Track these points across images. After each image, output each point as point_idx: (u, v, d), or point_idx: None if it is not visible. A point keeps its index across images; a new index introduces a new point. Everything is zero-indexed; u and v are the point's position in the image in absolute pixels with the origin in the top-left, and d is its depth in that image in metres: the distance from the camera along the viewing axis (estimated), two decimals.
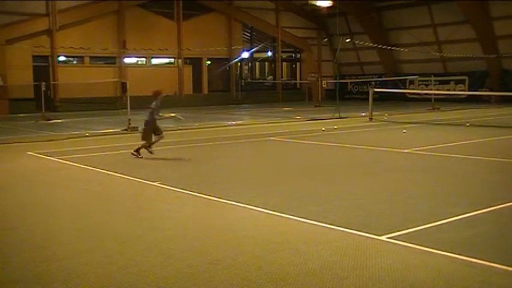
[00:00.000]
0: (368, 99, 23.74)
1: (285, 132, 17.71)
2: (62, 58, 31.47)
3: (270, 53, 40.50)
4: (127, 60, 33.12)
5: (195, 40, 34.61)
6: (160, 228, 6.38)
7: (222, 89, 37.80)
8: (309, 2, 35.34)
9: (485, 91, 32.31)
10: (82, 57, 31.90)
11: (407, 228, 6.02)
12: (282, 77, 40.62)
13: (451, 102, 31.43)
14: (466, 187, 8.52)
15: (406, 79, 35.29)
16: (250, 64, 40.61)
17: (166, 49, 33.92)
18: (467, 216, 6.53)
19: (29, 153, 13.28)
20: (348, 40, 32.79)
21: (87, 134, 17.68)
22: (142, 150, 11.98)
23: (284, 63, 41.86)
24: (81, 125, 21.77)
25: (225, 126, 20.41)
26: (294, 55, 42.54)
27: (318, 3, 34.18)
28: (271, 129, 18.63)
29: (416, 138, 15.39)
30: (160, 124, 12.26)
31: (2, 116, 26.61)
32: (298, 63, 42.50)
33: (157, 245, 5.70)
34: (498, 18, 32.14)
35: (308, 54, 41.41)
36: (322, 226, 6.25)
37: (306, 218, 6.56)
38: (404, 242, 5.56)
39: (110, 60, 32.82)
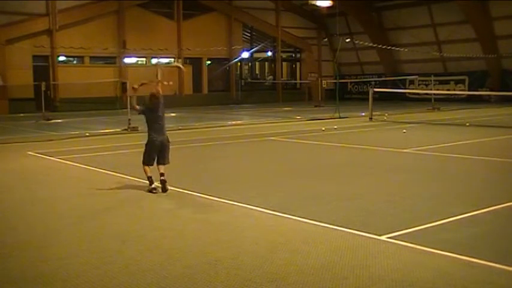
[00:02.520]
0: (368, 99, 23.74)
1: (285, 132, 17.71)
2: (62, 58, 31.44)
3: (270, 53, 40.48)
4: (127, 60, 33.09)
5: (195, 40, 34.60)
6: (160, 228, 6.38)
7: (222, 89, 37.77)
8: (309, 2, 35.32)
9: (485, 91, 32.31)
10: (82, 57, 31.86)
11: (407, 228, 6.01)
12: (282, 77, 40.59)
13: (451, 102, 31.44)
14: (466, 187, 8.52)
15: (406, 79, 35.31)
16: (250, 64, 40.60)
17: (166, 49, 33.91)
18: (467, 216, 6.53)
19: (29, 153, 13.28)
20: (348, 40, 32.79)
21: (87, 134, 17.67)
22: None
23: (284, 63, 41.82)
24: (81, 124, 21.76)
25: (225, 126, 20.40)
26: (294, 55, 42.52)
27: (318, 3, 34.16)
28: (271, 129, 18.62)
29: (416, 138, 15.38)
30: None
31: (2, 116, 26.60)
32: (298, 63, 42.46)
33: (157, 245, 5.70)
34: (498, 18, 32.13)
35: (308, 54, 41.38)
36: (322, 226, 6.25)
37: (306, 218, 6.56)
38: (404, 242, 5.56)
39: (110, 60, 32.79)
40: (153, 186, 8.30)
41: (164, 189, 8.24)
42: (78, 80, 29.56)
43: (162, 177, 8.30)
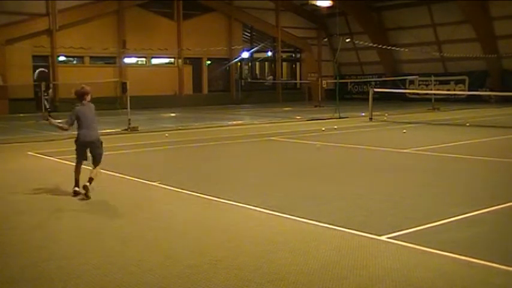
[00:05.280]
0: (368, 99, 23.74)
1: (285, 132, 17.71)
2: (62, 58, 31.45)
3: (270, 53, 40.49)
4: (127, 60, 33.09)
5: (195, 40, 34.60)
6: (160, 228, 6.38)
7: (222, 89, 37.78)
8: (309, 2, 35.33)
9: (485, 91, 32.31)
10: (82, 57, 31.88)
11: (407, 228, 6.02)
12: (282, 77, 40.60)
13: (451, 102, 31.44)
14: (466, 187, 8.51)
15: (406, 79, 35.31)
16: (250, 64, 40.60)
17: (166, 49, 33.90)
18: (467, 216, 6.53)
19: (29, 153, 13.28)
20: (348, 40, 32.77)
21: None
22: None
23: (284, 63, 41.82)
24: None
25: (225, 126, 20.40)
26: (294, 55, 42.52)
27: (318, 3, 34.17)
28: (271, 129, 18.63)
29: (416, 138, 15.38)
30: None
31: (2, 116, 26.59)
32: (298, 63, 42.47)
33: (157, 245, 5.70)
34: (498, 18, 32.13)
35: (308, 54, 41.38)
36: (322, 226, 6.25)
37: (306, 218, 6.56)
38: (404, 242, 5.56)
39: (110, 60, 32.80)
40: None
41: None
42: (78, 80, 29.48)
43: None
